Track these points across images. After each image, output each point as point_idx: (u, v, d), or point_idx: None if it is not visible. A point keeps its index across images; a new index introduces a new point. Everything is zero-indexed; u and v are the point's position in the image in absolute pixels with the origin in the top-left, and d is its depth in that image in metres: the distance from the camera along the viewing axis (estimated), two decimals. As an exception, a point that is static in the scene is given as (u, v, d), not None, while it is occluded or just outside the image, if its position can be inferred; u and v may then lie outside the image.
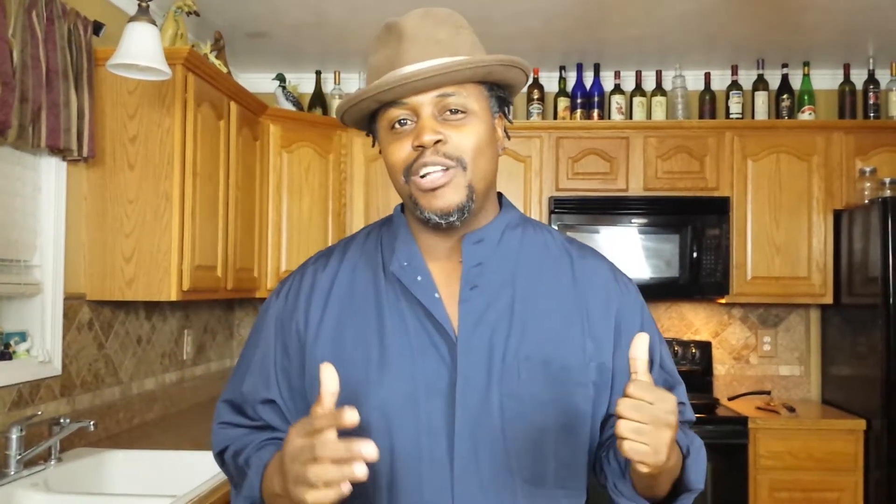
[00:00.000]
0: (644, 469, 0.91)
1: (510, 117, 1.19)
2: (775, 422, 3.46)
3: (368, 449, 0.84)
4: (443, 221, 1.08)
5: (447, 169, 1.06)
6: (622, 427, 0.89)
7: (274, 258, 3.61)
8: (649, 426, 0.89)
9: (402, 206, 1.21)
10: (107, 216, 2.71)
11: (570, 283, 1.16)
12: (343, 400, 1.08)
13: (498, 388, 1.07)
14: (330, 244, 3.80)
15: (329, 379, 0.91)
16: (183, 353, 3.49)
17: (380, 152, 1.15)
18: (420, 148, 1.06)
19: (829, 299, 3.75)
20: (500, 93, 1.14)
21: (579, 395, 1.10)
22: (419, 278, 1.12)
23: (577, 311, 1.14)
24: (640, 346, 0.94)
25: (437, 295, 1.10)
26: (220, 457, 1.22)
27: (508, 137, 1.21)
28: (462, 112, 1.08)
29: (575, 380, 1.10)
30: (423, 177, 1.06)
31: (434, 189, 1.07)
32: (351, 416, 0.85)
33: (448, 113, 1.07)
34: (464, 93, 1.08)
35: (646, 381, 0.92)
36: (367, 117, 1.14)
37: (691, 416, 1.22)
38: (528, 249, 1.17)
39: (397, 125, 1.09)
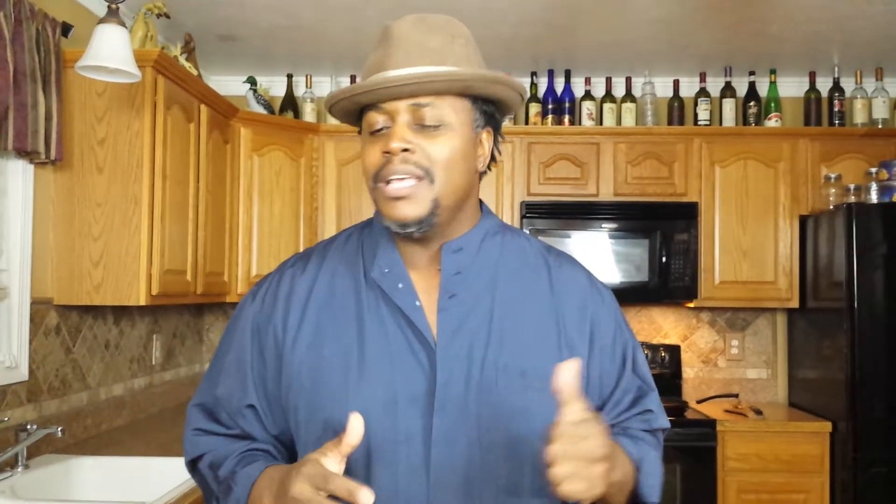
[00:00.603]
0: (585, 503, 0.93)
1: (501, 133, 1.17)
2: (743, 424, 3.50)
3: (367, 498, 0.87)
4: (400, 231, 1.08)
5: (415, 179, 1.05)
6: (554, 473, 0.90)
7: (244, 262, 3.58)
8: (581, 464, 0.90)
9: None
10: (75, 220, 2.68)
11: (548, 291, 1.16)
12: (319, 402, 1.09)
13: (476, 397, 1.07)
14: (302, 249, 3.79)
15: (355, 429, 0.92)
16: (152, 359, 3.45)
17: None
18: (388, 154, 1.05)
19: (795, 303, 3.81)
20: (486, 107, 1.12)
21: (556, 403, 1.10)
22: (400, 285, 1.11)
23: (554, 319, 1.14)
24: (564, 376, 0.93)
25: (417, 303, 1.10)
26: (192, 464, 1.19)
27: (499, 153, 1.19)
28: (436, 124, 1.06)
29: (551, 388, 1.11)
30: (388, 183, 1.06)
31: (397, 198, 1.06)
32: (366, 499, 0.87)
33: (421, 123, 1.06)
34: (440, 104, 1.06)
35: (571, 421, 0.91)
36: (355, 116, 1.14)
37: (664, 423, 1.22)
38: (507, 257, 1.17)
39: (376, 131, 1.08)
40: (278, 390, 1.13)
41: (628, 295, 3.79)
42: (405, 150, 1.04)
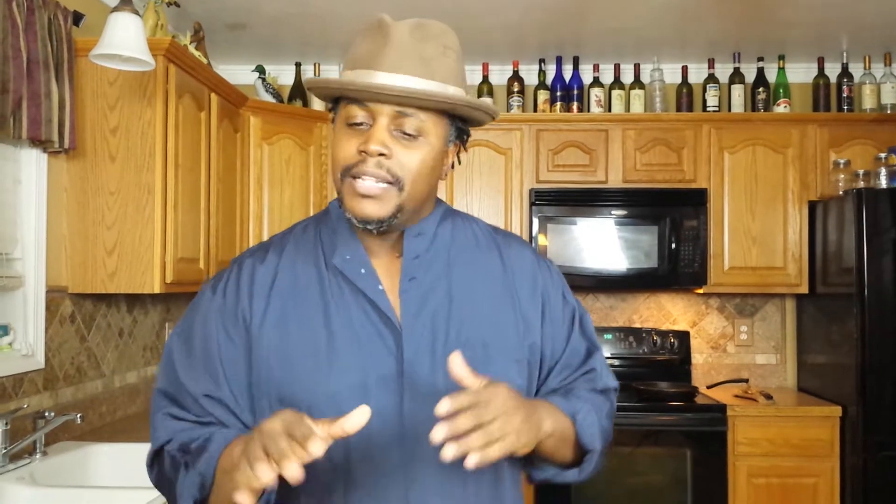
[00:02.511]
0: (523, 451, 1.00)
1: (466, 146, 1.22)
2: (753, 409, 3.52)
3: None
4: (361, 226, 1.11)
5: (385, 182, 1.08)
6: (479, 437, 0.93)
7: (255, 251, 3.59)
8: (499, 420, 0.95)
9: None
10: (88, 208, 2.69)
11: (500, 268, 1.23)
12: (291, 391, 1.11)
13: (443, 372, 1.09)
14: (311, 236, 3.80)
15: (358, 420, 0.92)
16: (164, 346, 3.47)
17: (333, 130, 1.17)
18: (364, 154, 1.08)
19: (804, 289, 3.81)
20: (461, 125, 1.17)
21: (515, 371, 1.16)
22: (363, 271, 1.15)
23: (509, 294, 1.21)
24: (456, 366, 0.98)
25: (380, 287, 1.14)
26: (158, 451, 1.16)
27: (460, 162, 1.24)
28: (416, 135, 1.10)
29: (511, 358, 1.17)
30: (355, 178, 1.08)
31: (364, 195, 1.09)
32: (360, 418, 0.91)
33: (401, 130, 1.09)
34: (423, 117, 1.10)
35: (469, 390, 0.96)
36: (332, 99, 1.16)
37: (609, 381, 1.28)
38: (460, 240, 1.23)
39: (354, 124, 1.10)
40: (249, 378, 1.14)
41: (637, 281, 3.81)
42: (382, 154, 1.08)
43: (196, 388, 1.14)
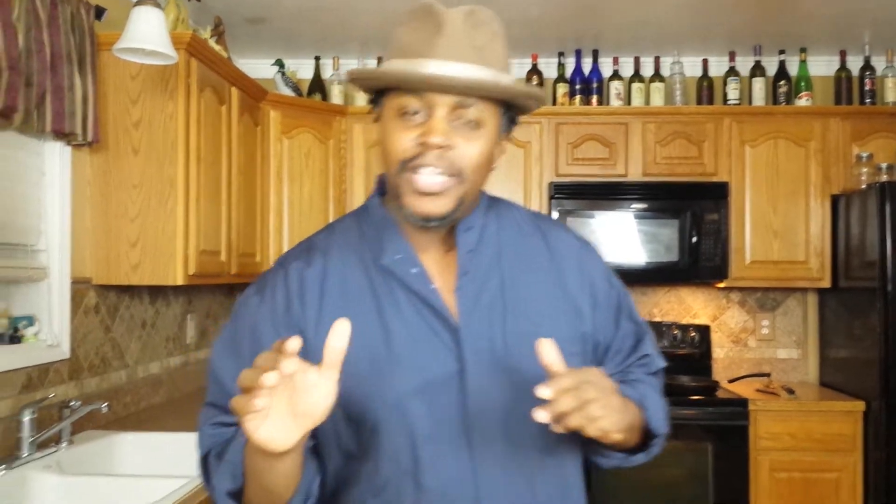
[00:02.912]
0: (617, 436, 0.98)
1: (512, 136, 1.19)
2: (775, 403, 3.50)
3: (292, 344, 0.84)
4: (422, 224, 1.08)
5: (447, 176, 1.05)
6: (586, 413, 0.93)
7: (276, 244, 3.61)
8: (600, 401, 0.94)
9: (378, 194, 1.19)
10: (111, 201, 2.71)
11: (547, 256, 1.20)
12: (354, 397, 1.06)
13: (503, 368, 1.09)
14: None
15: (340, 334, 0.88)
16: (186, 338, 3.50)
17: (375, 119, 1.12)
18: (424, 146, 1.04)
19: (826, 283, 3.78)
20: (512, 115, 1.14)
21: (572, 361, 1.12)
22: (413, 270, 1.12)
23: (558, 283, 1.18)
24: (548, 352, 0.96)
25: (433, 285, 1.11)
26: (203, 460, 1.12)
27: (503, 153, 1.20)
28: (476, 125, 1.07)
29: (566, 350, 1.12)
30: (416, 172, 1.04)
31: (425, 193, 1.05)
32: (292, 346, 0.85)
33: (460, 121, 1.06)
34: (482, 107, 1.07)
35: (567, 372, 0.95)
36: (377, 91, 1.12)
37: (661, 363, 1.27)
38: (506, 229, 1.20)
39: (407, 114, 1.06)
40: None
41: (657, 275, 3.79)
42: (443, 146, 1.04)
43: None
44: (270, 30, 3.71)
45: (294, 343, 0.84)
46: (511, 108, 1.13)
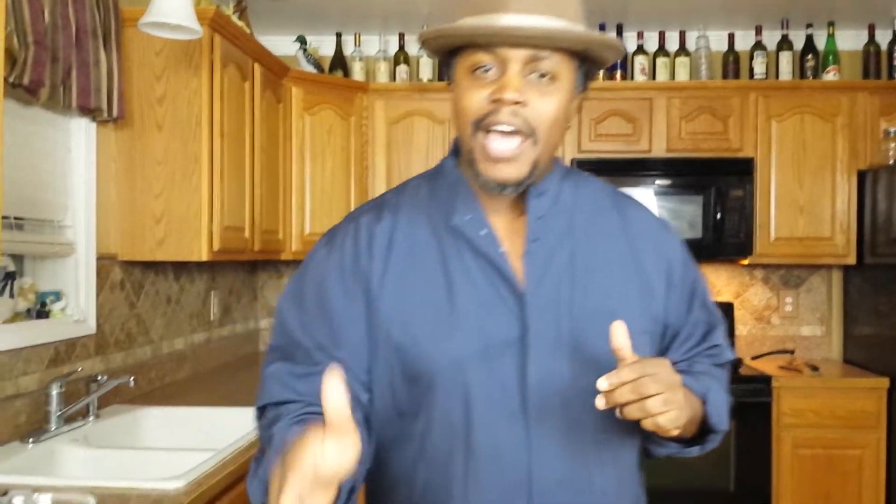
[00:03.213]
0: (675, 432, 0.95)
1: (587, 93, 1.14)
2: (798, 380, 3.48)
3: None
4: (497, 191, 1.07)
5: (519, 137, 1.02)
6: (645, 407, 0.91)
7: (298, 221, 3.62)
8: (663, 396, 0.91)
9: (452, 155, 1.18)
10: (136, 177, 2.72)
11: (622, 232, 1.16)
12: (412, 353, 1.07)
13: (568, 341, 1.07)
14: (353, 207, 3.82)
15: (334, 388, 0.79)
16: (210, 314, 3.52)
17: (448, 83, 1.10)
18: (498, 102, 1.01)
19: (852, 259, 3.74)
20: (588, 68, 1.09)
21: (642, 343, 1.08)
22: (483, 232, 1.10)
23: (632, 260, 1.14)
24: (619, 335, 0.94)
25: (501, 249, 1.09)
26: (261, 411, 1.12)
27: (579, 111, 1.16)
28: (550, 79, 1.03)
29: (637, 329, 1.07)
30: (489, 133, 1.02)
31: (499, 159, 1.03)
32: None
33: (535, 75, 1.02)
34: (557, 59, 1.03)
35: (632, 362, 0.93)
36: (447, 50, 1.10)
37: (730, 355, 1.24)
38: (582, 201, 1.16)
39: (479, 70, 1.03)
40: (367, 340, 1.10)
41: (681, 252, 3.76)
42: (517, 102, 1.01)
43: (310, 342, 1.10)
44: (292, 6, 3.69)
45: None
46: (586, 62, 1.08)
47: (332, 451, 0.76)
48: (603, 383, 0.91)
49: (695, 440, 1.14)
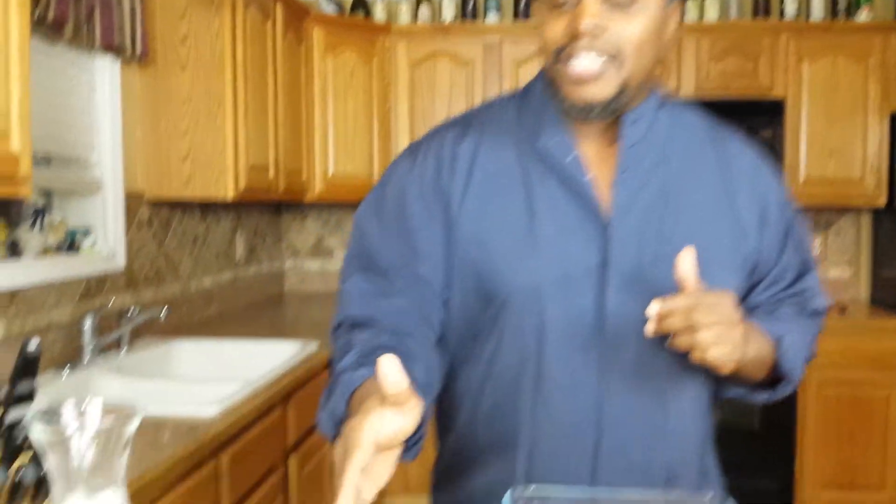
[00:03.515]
0: (726, 370, 0.92)
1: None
2: (826, 321, 3.46)
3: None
4: (582, 116, 1.02)
5: (602, 58, 0.97)
6: (700, 339, 0.88)
7: (321, 163, 3.62)
8: (716, 328, 0.88)
9: (541, 79, 1.13)
10: (161, 117, 2.72)
11: (718, 167, 1.11)
12: (489, 272, 1.05)
13: (649, 274, 1.03)
14: (377, 150, 3.82)
15: (390, 376, 0.75)
16: (235, 254, 3.55)
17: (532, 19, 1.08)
18: (574, 33, 0.97)
19: (882, 202, 3.69)
20: None
21: (729, 282, 1.05)
22: (569, 158, 1.06)
23: (725, 196, 1.10)
24: (685, 264, 0.91)
25: (588, 176, 1.05)
26: (337, 326, 1.10)
27: (682, 21, 1.09)
28: (630, 1, 0.97)
29: (726, 266, 1.06)
30: (570, 62, 0.98)
31: (581, 80, 0.99)
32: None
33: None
34: None
35: (688, 292, 0.90)
36: None
37: (822, 302, 1.18)
38: (678, 131, 1.11)
39: (558, 1, 0.99)
40: (445, 258, 1.08)
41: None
42: (595, 30, 0.96)
43: (388, 257, 1.09)
44: (314, -56, 3.64)
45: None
46: None
47: (392, 420, 0.75)
48: (653, 308, 0.89)
49: (764, 385, 1.10)
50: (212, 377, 2.52)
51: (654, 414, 1.07)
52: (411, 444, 0.88)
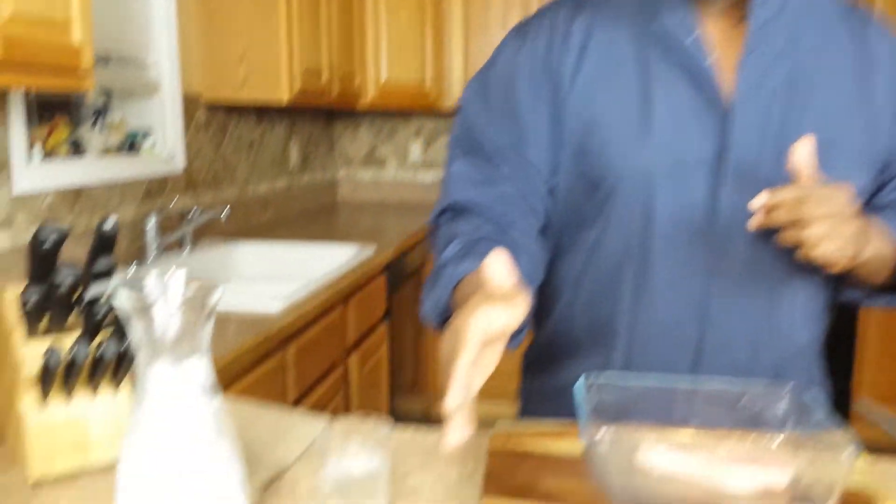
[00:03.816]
0: (836, 269, 0.87)
1: None
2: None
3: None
4: None
5: None
6: (808, 235, 0.82)
7: (374, 68, 3.57)
8: (827, 223, 0.82)
9: None
10: (215, 18, 2.69)
11: (854, 54, 1.02)
12: (596, 155, 1.00)
13: (771, 167, 0.95)
14: (430, 55, 3.74)
15: (498, 262, 0.73)
16: (290, 162, 3.55)
17: None
18: None
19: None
20: None
21: (858, 177, 0.99)
22: (691, 38, 0.98)
23: (861, 89, 1.01)
24: (801, 153, 0.84)
25: (709, 59, 0.97)
26: (440, 214, 1.08)
27: None
28: None
29: (856, 161, 0.99)
30: None
31: None
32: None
33: None
34: None
35: (812, 181, 0.84)
36: None
37: None
38: (813, 12, 1.02)
39: None
40: (551, 139, 1.03)
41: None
42: None
43: (494, 141, 1.05)
44: None
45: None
46: None
47: (499, 316, 0.70)
48: (759, 199, 0.83)
49: (885, 289, 1.03)
50: (273, 277, 2.55)
51: (761, 314, 1.02)
52: (516, 334, 0.87)
